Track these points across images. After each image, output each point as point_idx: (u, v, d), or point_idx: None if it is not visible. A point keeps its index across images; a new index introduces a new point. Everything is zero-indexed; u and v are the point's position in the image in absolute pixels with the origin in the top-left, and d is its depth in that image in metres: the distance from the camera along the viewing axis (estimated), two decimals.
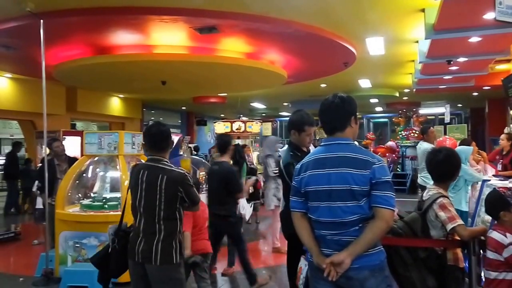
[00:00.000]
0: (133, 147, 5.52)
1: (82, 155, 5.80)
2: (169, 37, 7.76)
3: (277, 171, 5.25)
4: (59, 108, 12.18)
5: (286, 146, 3.56)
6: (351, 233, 2.16)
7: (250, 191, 8.49)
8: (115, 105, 15.39)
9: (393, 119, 16.96)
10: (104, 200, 5.34)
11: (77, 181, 5.62)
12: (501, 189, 2.92)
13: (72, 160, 6.03)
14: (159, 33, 7.53)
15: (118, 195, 5.31)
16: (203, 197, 7.01)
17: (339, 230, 2.18)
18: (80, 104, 13.18)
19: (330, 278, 2.12)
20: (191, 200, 2.95)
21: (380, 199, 2.13)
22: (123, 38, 7.79)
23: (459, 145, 5.80)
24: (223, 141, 4.94)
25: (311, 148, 3.45)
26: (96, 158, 5.62)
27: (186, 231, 3.43)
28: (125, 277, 4.84)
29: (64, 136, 10.01)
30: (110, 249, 3.10)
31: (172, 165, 3.00)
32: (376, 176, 2.13)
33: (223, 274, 5.39)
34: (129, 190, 3.04)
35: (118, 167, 5.34)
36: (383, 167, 2.17)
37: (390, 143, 14.75)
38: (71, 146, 8.78)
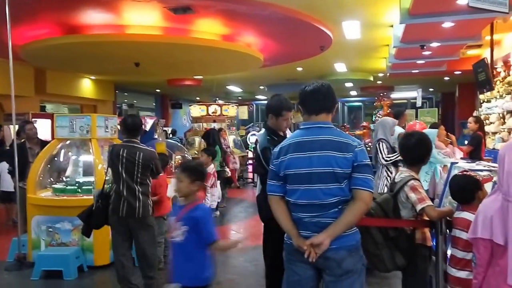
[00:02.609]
0: (106, 130, 5.41)
1: (53, 138, 5.66)
2: (142, 17, 7.59)
3: (389, 158, 5.10)
4: (27, 90, 11.75)
5: (263, 130, 3.58)
6: (330, 215, 2.21)
7: (228, 174, 8.55)
8: (87, 87, 15.00)
9: (375, 103, 16.99)
10: (77, 184, 5.26)
11: (49, 165, 5.51)
12: (462, 172, 2.99)
13: (45, 143, 5.88)
14: (131, 13, 7.35)
15: (91, 179, 5.23)
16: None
17: (318, 212, 2.22)
18: (50, 85, 12.77)
19: (310, 260, 2.17)
20: (157, 171, 4.15)
21: (360, 181, 2.20)
22: (94, 17, 7.57)
23: (429, 128, 5.95)
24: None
25: (288, 132, 3.48)
26: (68, 142, 5.50)
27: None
28: (102, 260, 4.90)
29: (33, 119, 9.72)
30: (94, 208, 3.95)
31: (143, 145, 4.04)
32: (358, 159, 2.20)
33: None
34: (110, 163, 3.94)
35: (91, 150, 5.24)
36: (363, 151, 2.26)
37: None
38: (42, 129, 8.56)
